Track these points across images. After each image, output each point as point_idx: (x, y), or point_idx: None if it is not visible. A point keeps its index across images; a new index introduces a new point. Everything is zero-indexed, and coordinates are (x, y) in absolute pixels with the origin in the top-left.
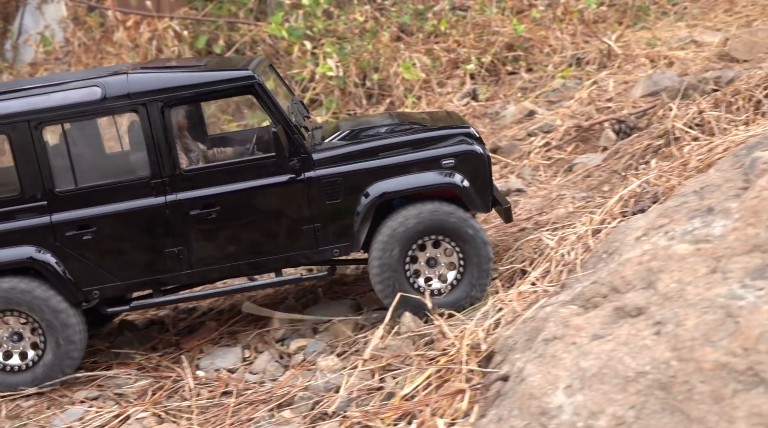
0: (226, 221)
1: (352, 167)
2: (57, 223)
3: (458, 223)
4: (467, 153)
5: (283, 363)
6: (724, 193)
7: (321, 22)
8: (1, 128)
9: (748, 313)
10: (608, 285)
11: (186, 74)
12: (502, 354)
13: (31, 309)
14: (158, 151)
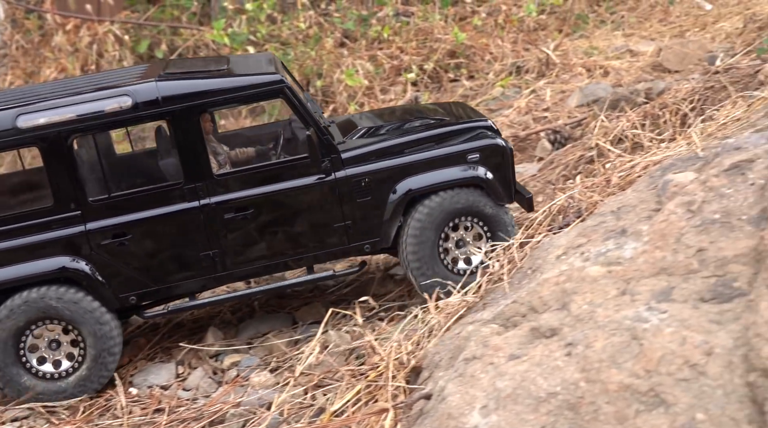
0: (259, 223)
1: (381, 165)
2: (92, 232)
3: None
4: (491, 146)
5: (216, 380)
6: (638, 214)
7: (264, 27)
8: (32, 140)
9: (651, 336)
10: (527, 304)
11: (216, 80)
12: (429, 370)
13: (75, 320)
14: (191, 156)
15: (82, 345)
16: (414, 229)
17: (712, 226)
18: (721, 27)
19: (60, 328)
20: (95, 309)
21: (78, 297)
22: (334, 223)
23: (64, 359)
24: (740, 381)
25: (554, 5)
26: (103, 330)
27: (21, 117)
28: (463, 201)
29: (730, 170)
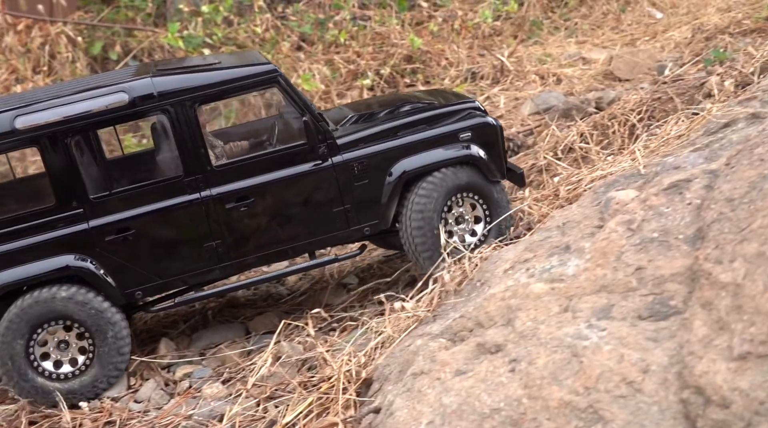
0: (260, 212)
1: (376, 148)
2: (95, 229)
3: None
4: (482, 125)
5: (168, 391)
6: (582, 230)
7: (221, 30)
8: (31, 140)
9: (590, 353)
10: (474, 319)
11: (210, 73)
12: (379, 383)
13: (85, 320)
14: (189, 149)
15: (91, 346)
16: (418, 206)
17: (651, 245)
18: (670, 36)
19: (69, 329)
20: (105, 310)
21: (88, 298)
22: (334, 208)
23: (73, 360)
24: (674, 398)
25: (509, 12)
26: (114, 330)
27: (19, 118)
28: (460, 178)
29: (668, 189)
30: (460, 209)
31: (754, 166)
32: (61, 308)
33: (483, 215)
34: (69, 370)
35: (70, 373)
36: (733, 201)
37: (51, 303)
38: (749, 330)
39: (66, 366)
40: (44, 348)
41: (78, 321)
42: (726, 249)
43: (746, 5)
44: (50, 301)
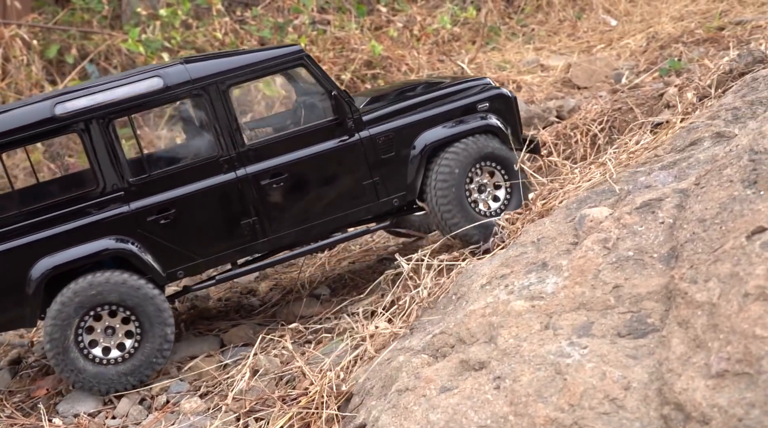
0: (293, 187)
1: (399, 122)
2: (136, 211)
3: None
4: (498, 96)
5: (146, 406)
6: (557, 247)
7: (179, 34)
8: (71, 126)
9: (574, 371)
10: (455, 335)
11: (240, 56)
12: (360, 397)
13: (134, 306)
14: (224, 129)
15: (138, 332)
16: (442, 175)
17: (627, 263)
18: (626, 44)
19: (116, 314)
20: (154, 296)
21: (139, 283)
22: (363, 181)
23: (119, 345)
24: (655, 413)
25: (467, 18)
26: (162, 316)
27: (59, 105)
28: (480, 147)
29: (641, 208)
30: (482, 178)
31: (723, 187)
32: (111, 293)
33: (503, 183)
34: (116, 355)
35: (120, 357)
36: (704, 221)
37: (102, 289)
38: (726, 349)
39: (114, 351)
40: (92, 334)
41: (126, 307)
42: (700, 269)
43: (698, 14)
44: (101, 286)
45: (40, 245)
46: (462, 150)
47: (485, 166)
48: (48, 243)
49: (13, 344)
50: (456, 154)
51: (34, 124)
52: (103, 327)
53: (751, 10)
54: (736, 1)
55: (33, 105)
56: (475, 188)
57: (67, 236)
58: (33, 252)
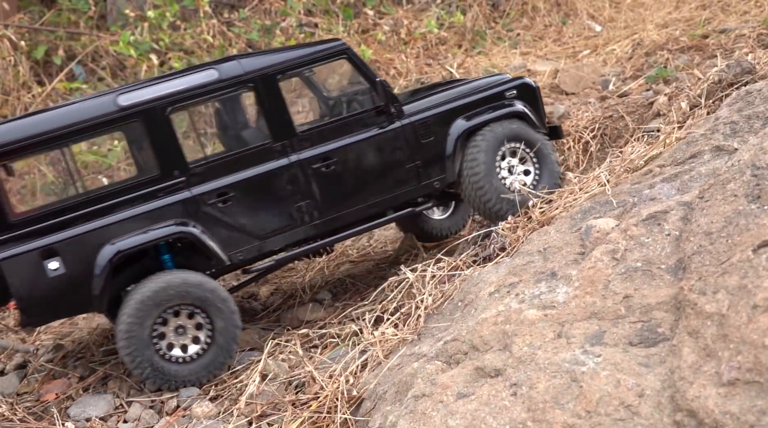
0: (342, 171)
1: (438, 110)
2: (197, 196)
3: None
4: (523, 85)
5: (156, 410)
6: (565, 257)
7: (167, 35)
8: (134, 115)
9: (589, 379)
10: (468, 343)
11: (288, 52)
12: (372, 402)
13: (205, 303)
14: (276, 117)
15: (209, 330)
16: (474, 156)
17: (635, 274)
18: (611, 50)
19: (186, 313)
20: (218, 289)
21: (213, 285)
22: (406, 165)
23: (191, 343)
24: (669, 420)
25: (455, 22)
26: (228, 308)
27: (121, 97)
28: (509, 130)
29: (647, 220)
30: (511, 159)
31: (728, 201)
32: (187, 294)
33: (531, 163)
34: (190, 353)
35: (194, 354)
36: (711, 234)
37: (179, 289)
38: (737, 358)
39: (187, 348)
40: (164, 332)
41: (200, 306)
42: (709, 281)
43: (681, 22)
44: (178, 286)
45: (107, 230)
46: (491, 132)
47: (513, 146)
48: (114, 228)
49: (16, 348)
50: (485, 137)
51: (101, 116)
52: (174, 325)
53: (734, 19)
54: (719, 9)
55: (96, 98)
56: (505, 168)
57: (132, 221)
58: (100, 236)
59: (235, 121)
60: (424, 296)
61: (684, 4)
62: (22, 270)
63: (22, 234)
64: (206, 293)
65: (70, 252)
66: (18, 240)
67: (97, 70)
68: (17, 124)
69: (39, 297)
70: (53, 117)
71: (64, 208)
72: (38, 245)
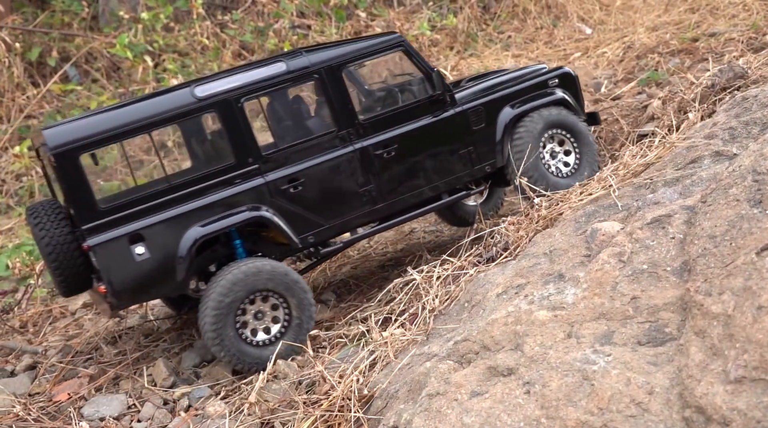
0: (402, 157)
1: (487, 98)
2: (271, 182)
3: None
4: (564, 74)
5: (168, 410)
6: (571, 259)
7: (161, 37)
8: (210, 106)
9: (600, 377)
10: (479, 343)
11: (349, 45)
12: (383, 400)
13: (285, 291)
14: (339, 107)
15: (287, 314)
16: (520, 141)
17: (642, 276)
18: (602, 53)
19: (264, 298)
20: (300, 281)
21: (287, 270)
22: (460, 150)
23: (269, 328)
24: (678, 416)
25: (447, 25)
26: (305, 295)
27: (198, 88)
28: (552, 116)
29: (652, 224)
30: (553, 145)
31: (731, 206)
32: (268, 280)
33: (572, 149)
34: (268, 336)
35: (272, 338)
36: (715, 238)
37: (261, 276)
38: (743, 357)
39: (263, 333)
40: (245, 318)
41: (278, 292)
42: (714, 283)
43: (671, 25)
44: (260, 274)
45: (188, 216)
46: (533, 121)
47: (556, 133)
48: (194, 214)
49: (24, 350)
50: (529, 124)
51: (180, 106)
52: (254, 310)
53: (723, 22)
54: (708, 12)
55: (174, 91)
56: (548, 153)
57: (211, 207)
58: (182, 222)
59: (302, 111)
60: (430, 297)
61: (673, 8)
62: (111, 255)
63: (109, 221)
64: (286, 281)
65: (154, 238)
66: (105, 227)
67: (91, 72)
68: (102, 117)
69: (127, 281)
70: (136, 109)
71: (147, 195)
72: (126, 231)
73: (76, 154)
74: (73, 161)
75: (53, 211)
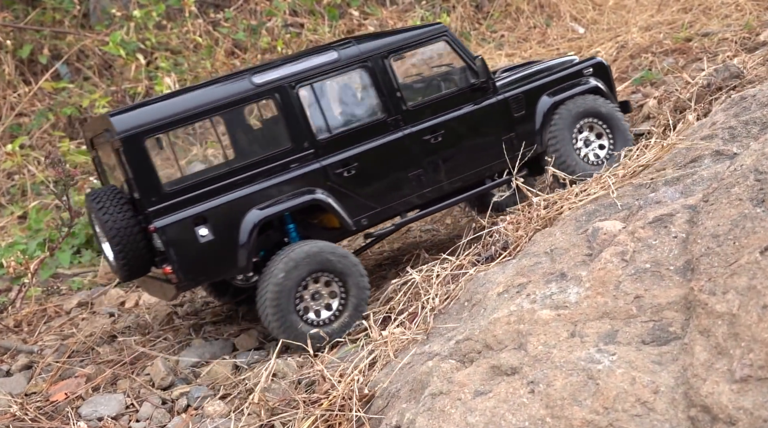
0: (450, 142)
1: (528, 86)
2: (326, 166)
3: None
4: (598, 64)
5: (167, 409)
6: (573, 258)
7: (153, 35)
8: (268, 92)
9: (605, 376)
10: (482, 342)
11: (396, 35)
12: (384, 400)
13: (344, 272)
14: (388, 94)
15: (343, 294)
16: (555, 127)
17: (645, 275)
18: (596, 52)
19: (324, 280)
20: (358, 264)
21: (346, 252)
22: (503, 136)
23: (325, 308)
24: (683, 415)
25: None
26: (360, 273)
27: (255, 76)
28: (588, 104)
29: (654, 223)
30: (588, 133)
31: (733, 205)
32: (327, 261)
33: (606, 137)
34: (326, 316)
35: (330, 317)
36: (718, 237)
37: (319, 257)
38: (748, 356)
39: (321, 313)
40: (304, 297)
41: (335, 273)
42: (718, 282)
43: (664, 25)
44: (319, 254)
45: (248, 199)
46: (568, 109)
47: (590, 122)
48: (254, 197)
49: (20, 349)
50: (564, 113)
51: (240, 93)
52: (311, 292)
53: (716, 22)
54: (700, 12)
55: (231, 80)
56: (582, 140)
57: (270, 191)
58: (243, 205)
59: (353, 98)
60: (430, 296)
61: (666, 7)
62: (176, 236)
63: (174, 203)
64: (344, 262)
65: (216, 220)
66: (171, 209)
67: (83, 69)
68: (166, 103)
69: (191, 261)
70: (198, 96)
71: (209, 178)
72: (190, 213)
73: (142, 138)
74: (139, 145)
75: (115, 195)
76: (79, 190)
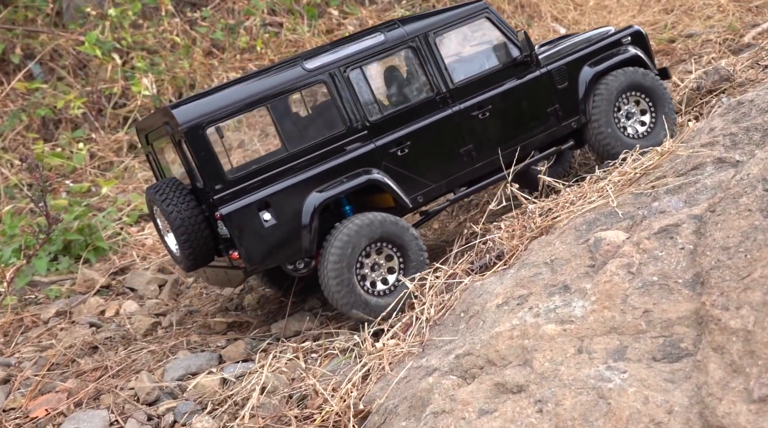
0: (497, 116)
1: (569, 58)
2: (380, 146)
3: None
4: (635, 32)
5: (153, 425)
6: (575, 270)
7: (129, 34)
8: (319, 76)
9: (617, 395)
10: (484, 357)
11: (439, 15)
12: (381, 416)
13: (404, 245)
14: (436, 73)
15: (402, 262)
16: (598, 98)
17: (653, 288)
18: None
19: (384, 253)
20: (410, 228)
21: (406, 224)
22: (547, 108)
23: (386, 279)
24: None
25: None
26: (419, 243)
27: (307, 62)
28: (629, 77)
29: (659, 233)
30: (629, 106)
31: (742, 216)
32: (386, 231)
33: (648, 110)
34: (388, 286)
35: (392, 287)
36: (728, 249)
37: (379, 227)
38: (766, 375)
39: (382, 284)
40: (363, 270)
41: (395, 243)
42: (731, 297)
43: (646, 25)
44: (378, 225)
45: (308, 182)
46: (614, 79)
47: (632, 95)
48: (313, 180)
49: None
50: (605, 86)
51: (294, 79)
52: (370, 264)
53: (699, 23)
54: (683, 13)
55: (283, 68)
56: (623, 114)
57: (328, 173)
58: (303, 189)
59: (401, 78)
60: (425, 306)
61: (647, 8)
62: (242, 222)
63: (237, 190)
64: (402, 234)
65: (279, 204)
66: (235, 196)
67: (57, 69)
68: (223, 93)
69: (258, 246)
70: (253, 85)
71: (269, 164)
72: (254, 199)
73: (204, 128)
74: (202, 135)
75: (177, 187)
76: (55, 195)
